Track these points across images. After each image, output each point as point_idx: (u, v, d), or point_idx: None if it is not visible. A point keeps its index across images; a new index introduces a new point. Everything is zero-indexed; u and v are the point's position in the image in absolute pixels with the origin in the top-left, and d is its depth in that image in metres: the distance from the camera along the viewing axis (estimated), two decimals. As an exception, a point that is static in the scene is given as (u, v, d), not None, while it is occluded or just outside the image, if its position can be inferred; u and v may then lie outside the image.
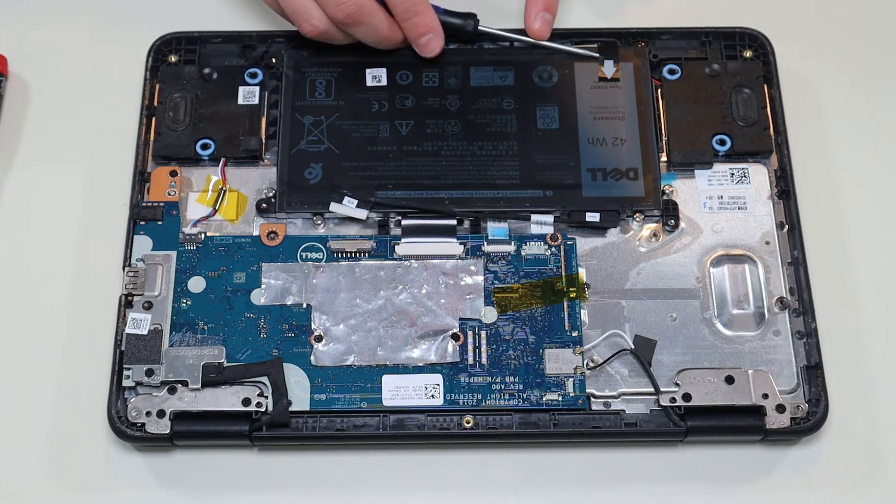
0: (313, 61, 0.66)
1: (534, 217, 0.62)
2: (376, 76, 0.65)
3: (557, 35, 0.67)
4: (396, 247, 0.62)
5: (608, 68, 0.65)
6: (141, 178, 0.63)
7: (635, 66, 0.66)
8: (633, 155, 0.63)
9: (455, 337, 0.60)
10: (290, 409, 0.58)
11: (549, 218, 0.62)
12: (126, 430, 0.57)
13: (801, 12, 0.70)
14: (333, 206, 0.62)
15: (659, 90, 0.66)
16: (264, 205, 0.62)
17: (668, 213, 0.62)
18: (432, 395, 0.58)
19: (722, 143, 0.64)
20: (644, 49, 0.66)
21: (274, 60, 0.66)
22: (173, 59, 0.66)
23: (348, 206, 0.62)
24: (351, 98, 0.65)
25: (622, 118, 0.64)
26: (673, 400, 0.58)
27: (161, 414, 0.57)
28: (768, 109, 0.65)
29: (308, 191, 0.62)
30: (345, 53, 0.65)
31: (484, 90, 0.65)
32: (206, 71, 0.66)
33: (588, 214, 0.62)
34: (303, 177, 0.63)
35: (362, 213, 0.62)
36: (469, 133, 0.64)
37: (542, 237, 0.62)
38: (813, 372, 0.59)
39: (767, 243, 0.62)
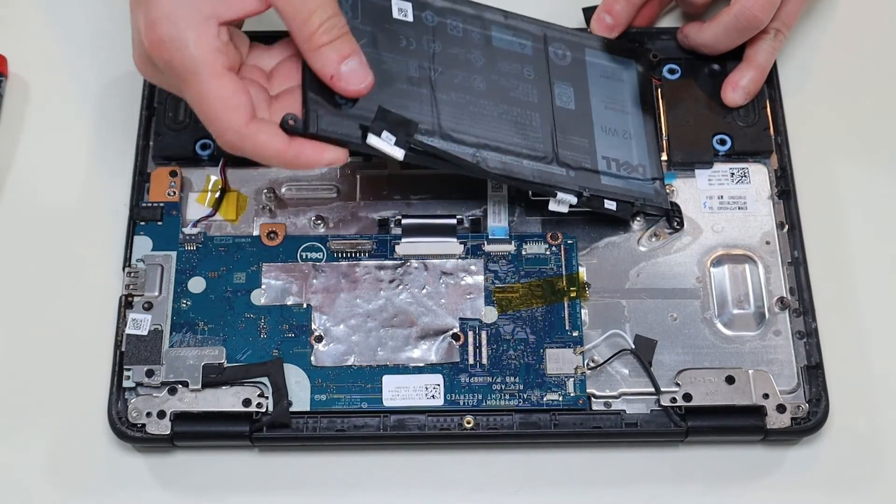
0: None
1: (559, 195, 0.60)
2: (402, 9, 0.60)
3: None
4: (396, 246, 0.62)
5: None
6: (141, 179, 0.63)
7: (637, 69, 0.65)
8: (640, 152, 0.63)
9: (455, 337, 0.60)
10: (291, 409, 0.58)
11: (573, 198, 0.60)
12: (126, 430, 0.57)
13: (801, 12, 0.70)
14: (371, 139, 0.55)
15: (659, 90, 0.66)
16: (291, 121, 0.54)
17: (672, 214, 0.62)
18: (433, 396, 0.58)
19: (722, 142, 0.64)
20: (647, 51, 0.66)
21: None
22: (173, 58, 0.66)
23: (386, 143, 0.55)
24: (379, 26, 0.59)
25: (628, 113, 0.64)
26: (673, 400, 0.58)
27: (161, 415, 0.57)
28: (768, 109, 0.65)
29: (341, 116, 0.55)
30: None
31: (505, 53, 0.62)
32: (206, 71, 0.65)
33: (606, 202, 0.61)
34: (334, 99, 0.55)
35: (400, 153, 0.56)
36: (495, 93, 0.61)
37: (542, 236, 0.62)
38: (813, 372, 0.59)
39: (768, 243, 0.62)
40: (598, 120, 0.63)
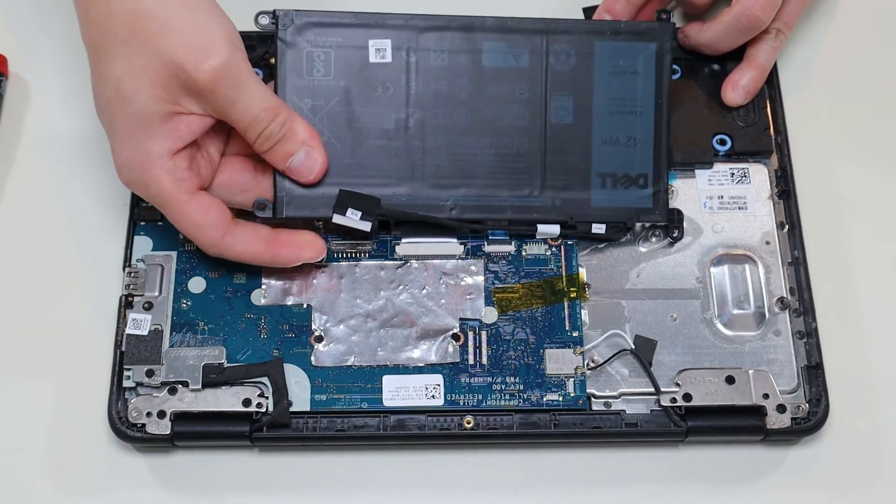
0: (311, 25, 0.59)
1: (540, 228, 0.61)
2: (380, 49, 0.59)
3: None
4: (396, 247, 0.62)
5: None
6: (141, 179, 0.63)
7: (658, 48, 0.61)
8: (644, 159, 0.61)
9: (455, 337, 0.60)
10: (291, 409, 0.58)
11: (556, 229, 0.61)
12: (126, 430, 0.57)
13: (803, 12, 0.70)
14: (336, 219, 0.59)
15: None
16: (262, 206, 0.59)
17: (673, 224, 0.62)
18: (433, 396, 0.58)
19: (722, 142, 0.64)
20: (669, 26, 0.61)
21: (273, 61, 0.65)
22: (173, 59, 0.66)
23: (352, 219, 0.59)
24: (353, 78, 0.59)
25: (639, 113, 0.61)
26: (673, 400, 0.58)
27: (161, 415, 0.57)
28: (768, 109, 0.65)
29: (309, 195, 0.59)
30: (346, 15, 0.60)
31: (497, 73, 0.60)
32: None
33: (594, 226, 0.61)
34: None
35: (366, 225, 0.59)
36: (479, 126, 0.60)
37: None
38: (813, 372, 0.59)
39: (768, 243, 0.62)
40: (599, 130, 0.61)
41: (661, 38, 0.61)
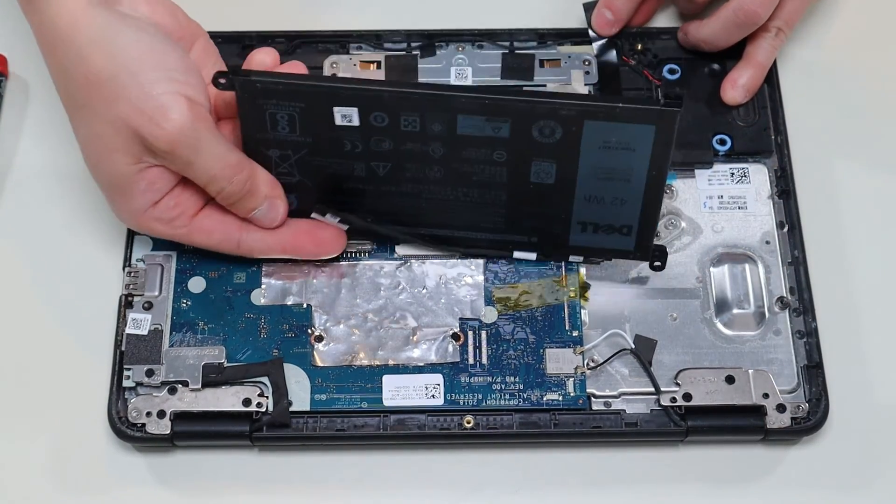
0: (270, 92, 0.54)
1: (516, 254, 0.60)
2: (346, 115, 0.55)
3: (553, 34, 0.67)
4: (396, 246, 0.62)
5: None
6: (141, 179, 0.63)
7: (659, 130, 0.54)
8: (631, 214, 0.57)
9: (455, 337, 0.60)
10: (291, 409, 0.58)
11: (532, 255, 0.60)
12: (126, 430, 0.57)
13: (804, 12, 0.70)
14: (314, 216, 0.59)
15: (659, 90, 0.66)
16: None
17: (655, 259, 0.59)
18: (433, 395, 0.58)
19: (722, 142, 0.64)
20: (674, 115, 0.53)
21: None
22: (173, 59, 0.66)
23: (330, 220, 0.59)
24: (320, 135, 0.56)
25: (628, 181, 0.56)
26: (673, 400, 0.58)
27: (161, 414, 0.57)
28: (768, 109, 0.65)
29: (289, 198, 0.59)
30: (307, 86, 0.54)
31: (473, 139, 0.55)
32: (206, 71, 0.65)
33: (572, 257, 0.60)
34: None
35: (343, 226, 0.60)
36: (453, 180, 0.57)
37: (542, 237, 0.62)
38: (813, 371, 0.59)
39: (767, 243, 0.62)
40: (583, 190, 0.57)
41: (664, 122, 0.53)
